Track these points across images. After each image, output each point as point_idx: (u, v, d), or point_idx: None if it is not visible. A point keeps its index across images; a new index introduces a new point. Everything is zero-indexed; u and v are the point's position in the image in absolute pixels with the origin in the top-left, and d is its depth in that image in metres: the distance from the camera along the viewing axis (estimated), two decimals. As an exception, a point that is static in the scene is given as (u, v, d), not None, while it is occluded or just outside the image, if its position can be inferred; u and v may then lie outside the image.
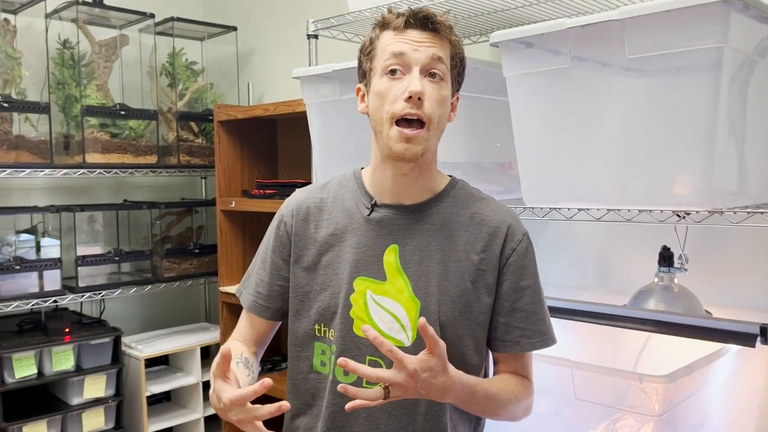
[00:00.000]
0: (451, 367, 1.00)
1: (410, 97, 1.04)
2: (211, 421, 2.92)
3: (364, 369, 0.96)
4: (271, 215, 2.97)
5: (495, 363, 1.22)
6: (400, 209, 1.15)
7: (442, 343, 0.98)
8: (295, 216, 1.21)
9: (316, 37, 1.87)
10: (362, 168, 1.25)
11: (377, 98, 1.09)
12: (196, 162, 2.85)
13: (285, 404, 0.96)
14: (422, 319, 0.96)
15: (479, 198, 1.18)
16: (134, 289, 2.67)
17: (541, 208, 1.37)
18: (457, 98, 1.16)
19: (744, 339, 1.36)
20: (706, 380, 1.36)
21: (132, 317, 3.01)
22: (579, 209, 1.32)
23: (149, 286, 2.71)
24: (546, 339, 1.17)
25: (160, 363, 2.91)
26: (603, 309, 1.50)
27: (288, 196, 2.43)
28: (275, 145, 2.90)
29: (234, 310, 2.72)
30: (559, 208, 1.34)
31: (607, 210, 1.28)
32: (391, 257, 1.13)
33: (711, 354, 1.34)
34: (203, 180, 3.21)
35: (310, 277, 1.18)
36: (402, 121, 1.06)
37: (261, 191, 2.61)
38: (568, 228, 1.97)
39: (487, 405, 1.10)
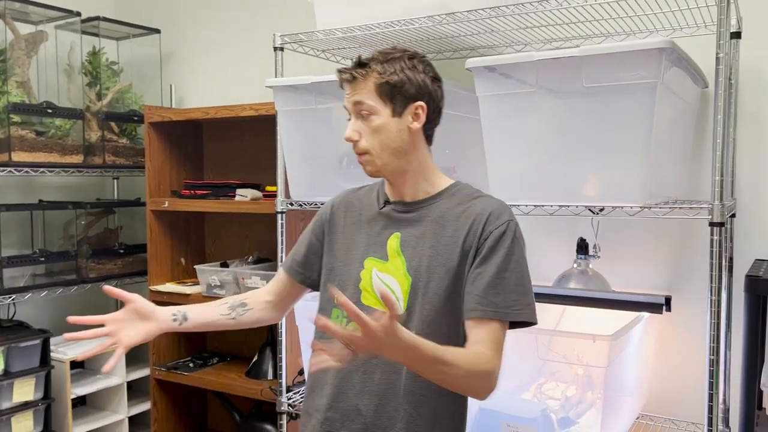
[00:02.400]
0: (404, 331, 1.09)
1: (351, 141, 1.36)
2: (135, 421, 2.92)
3: (333, 327, 1.09)
4: (203, 215, 3.06)
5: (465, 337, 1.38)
6: (402, 205, 1.40)
7: (400, 309, 1.26)
8: (334, 207, 1.48)
9: (281, 49, 2.02)
10: None
11: None
12: (121, 162, 2.85)
13: None
14: (384, 290, 1.18)
15: (476, 196, 1.37)
16: (60, 290, 2.62)
17: (503, 205, 1.65)
18: (417, 106, 1.33)
19: (653, 308, 1.74)
20: (627, 343, 1.71)
21: (41, 321, 2.91)
22: (535, 206, 1.62)
23: (75, 287, 2.67)
24: (500, 312, 1.25)
25: (76, 366, 2.86)
26: (545, 290, 1.81)
27: (223, 196, 2.58)
28: (201, 147, 2.97)
29: (164, 308, 2.76)
30: (518, 205, 1.63)
31: (559, 206, 1.59)
32: (393, 242, 1.38)
33: (633, 320, 1.69)
34: (115, 180, 3.18)
35: (334, 255, 1.44)
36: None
37: (191, 192, 2.68)
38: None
39: (438, 369, 1.16)
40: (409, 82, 1.32)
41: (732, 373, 1.87)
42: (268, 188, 2.50)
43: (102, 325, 1.35)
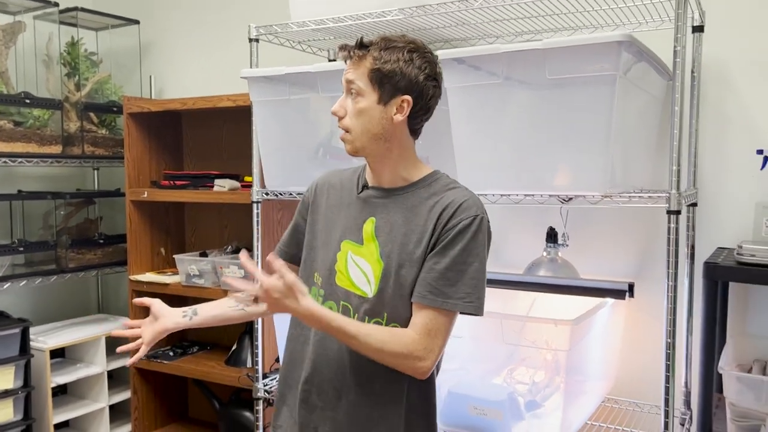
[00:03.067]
0: (304, 299, 1.25)
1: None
2: (116, 410, 2.95)
3: (251, 268, 1.26)
4: (183, 205, 3.09)
5: None
6: (380, 191, 1.43)
7: (290, 277, 1.22)
8: (318, 187, 1.52)
9: (257, 41, 2.05)
10: None
11: None
12: (100, 152, 2.86)
13: None
14: (270, 256, 1.28)
15: (451, 187, 1.38)
16: (39, 280, 2.64)
17: (471, 194, 1.69)
18: (403, 100, 1.35)
19: (616, 294, 1.79)
20: (591, 328, 1.76)
21: (21, 310, 2.93)
22: (501, 195, 1.66)
23: (54, 277, 2.69)
24: (448, 303, 1.31)
25: (57, 356, 2.88)
26: (513, 277, 1.86)
27: (201, 186, 2.60)
28: (180, 137, 2.99)
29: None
30: (486, 194, 1.67)
31: (524, 195, 1.64)
32: (368, 227, 1.41)
33: (595, 306, 1.75)
34: (95, 171, 3.20)
35: (314, 235, 1.48)
36: None
37: (171, 182, 2.71)
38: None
39: (347, 341, 1.30)
40: (401, 74, 1.33)
41: (694, 357, 1.93)
42: (247, 178, 2.53)
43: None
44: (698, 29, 1.83)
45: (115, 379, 3.04)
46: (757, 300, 1.89)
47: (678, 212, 1.48)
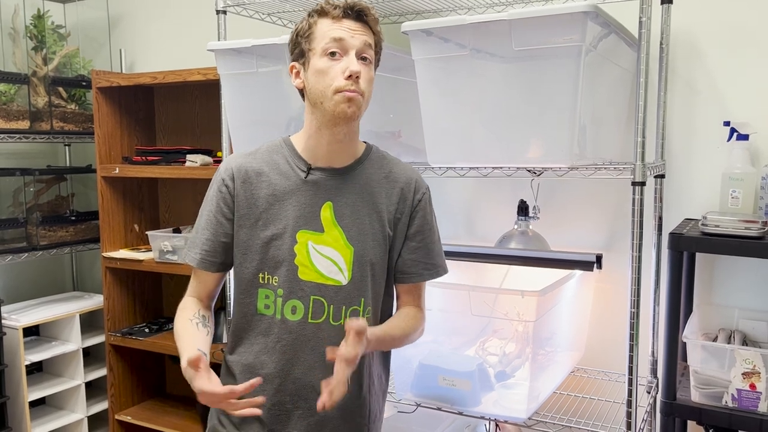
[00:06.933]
0: (370, 334, 1.24)
1: (350, 76, 1.26)
2: (93, 386, 2.95)
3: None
4: (157, 181, 3.04)
5: (398, 297, 1.48)
6: (331, 172, 1.36)
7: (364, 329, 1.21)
8: (235, 179, 1.35)
9: (224, 12, 2.01)
10: (290, 136, 1.43)
11: (318, 75, 1.28)
12: (69, 128, 2.81)
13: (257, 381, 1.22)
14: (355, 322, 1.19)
15: (389, 159, 1.42)
16: (10, 258, 2.61)
17: (440, 167, 1.69)
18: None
19: (585, 266, 1.81)
20: (559, 299, 1.78)
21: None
22: (470, 168, 1.66)
23: (25, 255, 2.66)
24: (440, 270, 1.44)
25: (31, 333, 2.87)
26: (483, 250, 1.87)
27: (174, 162, 2.56)
28: (153, 112, 2.94)
29: (117, 274, 2.77)
30: (455, 167, 1.67)
31: (492, 168, 1.63)
32: (327, 212, 1.34)
33: (563, 277, 1.76)
34: (67, 147, 3.15)
35: (252, 232, 1.34)
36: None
37: (143, 158, 2.67)
38: (440, 186, 2.33)
39: (394, 344, 1.40)
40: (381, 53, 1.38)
41: (661, 326, 1.96)
42: (219, 153, 2.50)
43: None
44: (667, 0, 1.83)
45: (91, 356, 3.03)
46: (723, 270, 1.92)
47: (643, 183, 1.49)
